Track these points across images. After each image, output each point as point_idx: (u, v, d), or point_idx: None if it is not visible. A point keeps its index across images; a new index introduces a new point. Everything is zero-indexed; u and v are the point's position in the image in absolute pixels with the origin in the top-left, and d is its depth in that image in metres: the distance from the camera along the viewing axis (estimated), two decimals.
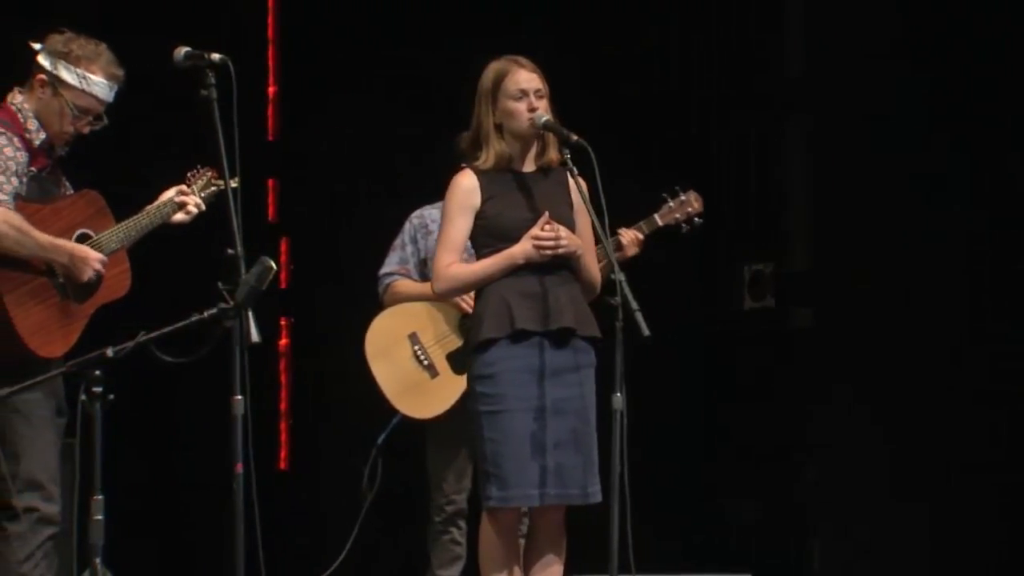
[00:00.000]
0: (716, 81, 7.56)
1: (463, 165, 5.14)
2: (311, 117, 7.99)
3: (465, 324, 5.59)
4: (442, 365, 5.78)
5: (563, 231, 5.02)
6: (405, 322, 5.80)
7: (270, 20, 8.15)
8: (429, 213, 5.97)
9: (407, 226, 6.00)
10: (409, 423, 5.87)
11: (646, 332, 4.79)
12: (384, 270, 5.99)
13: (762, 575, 6.46)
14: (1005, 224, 7.19)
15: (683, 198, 6.04)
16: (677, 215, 6.03)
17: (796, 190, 7.70)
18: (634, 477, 4.82)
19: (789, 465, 7.55)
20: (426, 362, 5.80)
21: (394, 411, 5.86)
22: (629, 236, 5.89)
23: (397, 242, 6.01)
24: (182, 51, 4.52)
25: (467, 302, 5.55)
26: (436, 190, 5.38)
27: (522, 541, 5.23)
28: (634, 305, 4.82)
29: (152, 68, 4.87)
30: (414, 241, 5.98)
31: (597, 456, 5.05)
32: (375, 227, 7.65)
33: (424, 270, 5.88)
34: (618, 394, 4.83)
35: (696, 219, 6.05)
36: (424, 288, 5.69)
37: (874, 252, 7.34)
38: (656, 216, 6.01)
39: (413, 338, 5.81)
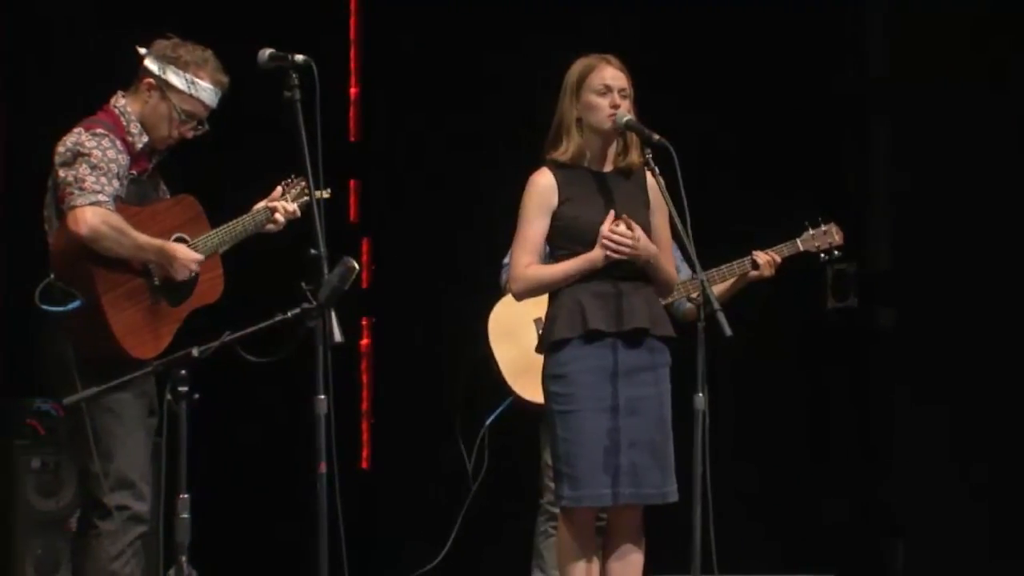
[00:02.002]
0: (799, 81, 7.52)
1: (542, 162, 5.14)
2: (392, 118, 8.02)
3: None
4: None
5: (641, 237, 5.00)
6: (532, 306, 5.79)
7: (352, 21, 8.19)
8: None
9: None
10: (523, 406, 5.85)
11: (728, 332, 4.77)
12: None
13: None
14: None
15: (824, 228, 6.14)
16: (817, 243, 6.12)
17: (879, 190, 7.66)
18: (717, 477, 4.81)
19: (873, 465, 7.50)
20: None
21: (507, 393, 5.87)
22: (765, 259, 5.98)
23: None
24: (266, 53, 4.54)
25: None
26: (517, 190, 5.39)
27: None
28: (716, 305, 4.81)
29: (244, 71, 4.90)
30: None
31: (673, 455, 5.04)
32: (455, 227, 7.69)
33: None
34: (700, 394, 4.82)
35: (836, 251, 6.10)
36: None
37: (957, 251, 7.28)
38: (798, 241, 6.09)
39: (539, 323, 5.81)
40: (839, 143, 7.66)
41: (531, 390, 5.74)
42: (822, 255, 6.14)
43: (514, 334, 5.86)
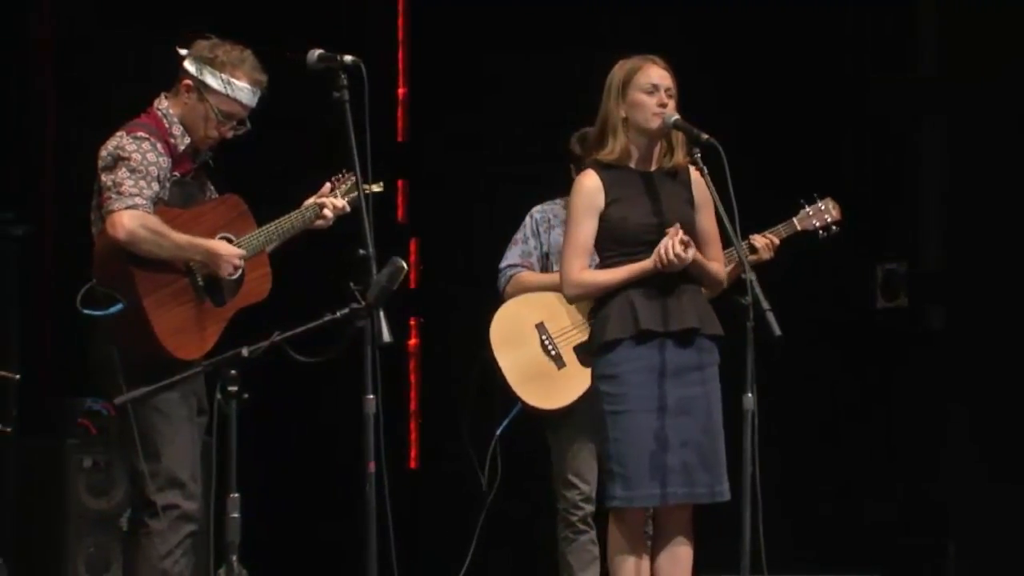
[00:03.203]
0: (851, 80, 7.49)
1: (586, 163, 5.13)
2: (440, 118, 8.03)
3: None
4: (569, 357, 5.77)
5: (692, 252, 4.98)
6: (534, 311, 5.80)
7: (400, 22, 8.21)
8: (550, 208, 6.00)
9: (528, 221, 6.01)
10: (530, 412, 5.84)
11: (777, 332, 4.76)
12: (505, 263, 5.99)
13: None
14: None
15: (820, 205, 6.03)
16: (815, 221, 6.03)
17: (930, 189, 7.62)
18: (766, 477, 4.79)
19: (924, 465, 7.47)
20: (554, 352, 5.80)
21: (516, 400, 5.84)
22: (762, 241, 5.89)
23: (518, 236, 6.02)
24: (315, 53, 4.56)
25: None
26: (564, 190, 5.40)
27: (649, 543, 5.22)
28: (765, 305, 4.80)
29: (292, 71, 4.91)
30: (536, 235, 5.99)
31: (724, 454, 5.03)
32: (503, 227, 7.68)
33: (547, 264, 5.91)
34: (749, 394, 4.80)
35: (834, 227, 6.03)
36: (551, 278, 5.70)
37: (1009, 250, 7.24)
38: (795, 220, 6.00)
39: (541, 328, 5.81)
40: (891, 142, 7.63)
41: (538, 396, 5.74)
42: (821, 232, 6.04)
43: (517, 340, 5.82)
